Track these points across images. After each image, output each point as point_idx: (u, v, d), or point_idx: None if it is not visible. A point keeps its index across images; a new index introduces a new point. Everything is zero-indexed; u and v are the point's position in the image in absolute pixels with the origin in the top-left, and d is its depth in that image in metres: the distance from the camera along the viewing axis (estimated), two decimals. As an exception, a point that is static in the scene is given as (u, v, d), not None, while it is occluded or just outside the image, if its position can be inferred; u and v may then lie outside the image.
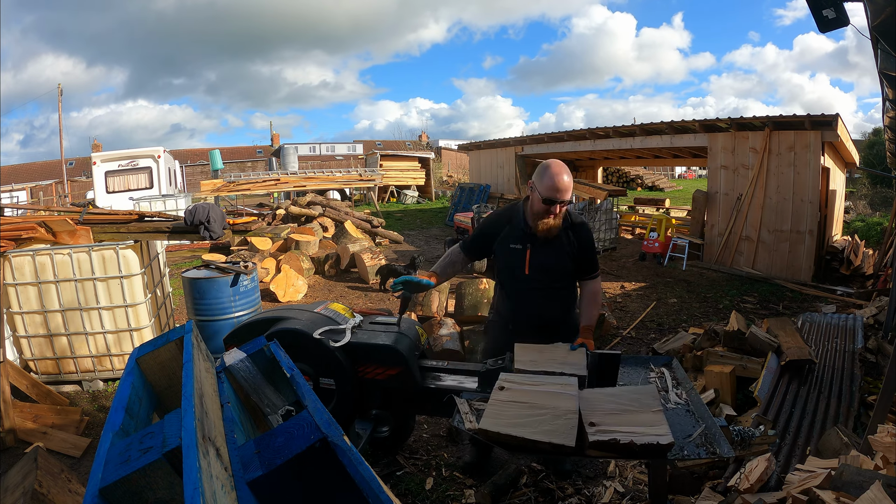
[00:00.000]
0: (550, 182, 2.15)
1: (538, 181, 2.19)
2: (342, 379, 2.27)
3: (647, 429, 1.49)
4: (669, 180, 26.77)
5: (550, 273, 2.29)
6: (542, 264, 2.27)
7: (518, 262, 2.28)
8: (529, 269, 2.26)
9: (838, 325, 3.77)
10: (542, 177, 2.18)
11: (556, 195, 2.15)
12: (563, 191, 2.15)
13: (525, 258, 2.26)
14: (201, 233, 4.17)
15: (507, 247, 2.31)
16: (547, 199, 2.16)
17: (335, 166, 27.13)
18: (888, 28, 2.76)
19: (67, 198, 20.88)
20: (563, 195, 2.16)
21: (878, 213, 13.13)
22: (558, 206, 2.17)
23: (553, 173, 2.16)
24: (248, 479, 0.96)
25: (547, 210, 2.18)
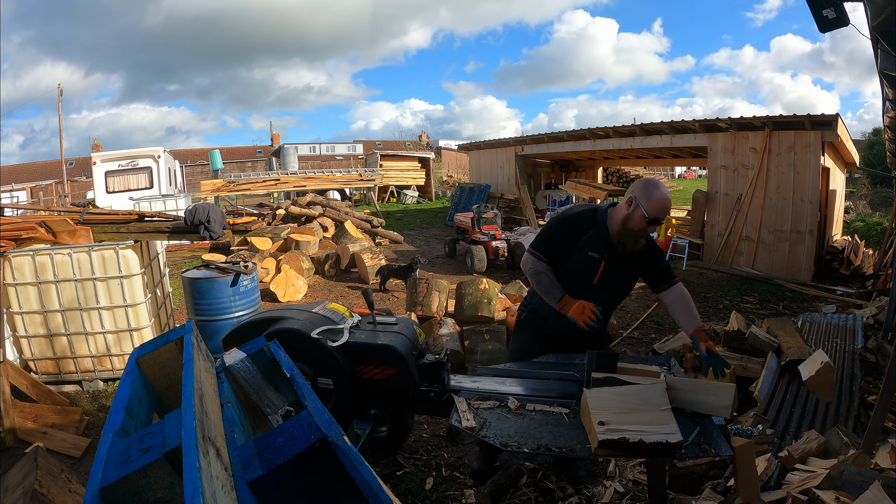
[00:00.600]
0: (661, 202, 2.08)
1: (645, 198, 2.09)
2: (340, 379, 2.27)
3: (656, 427, 1.50)
4: (669, 180, 26.78)
5: (615, 289, 2.24)
6: (612, 279, 2.19)
7: (591, 271, 2.17)
8: (598, 281, 2.17)
9: (838, 325, 3.77)
10: (652, 195, 2.09)
11: (662, 216, 2.11)
12: (668, 211, 2.14)
13: (598, 269, 2.17)
14: (201, 233, 4.17)
15: (586, 254, 2.18)
16: (653, 218, 2.08)
17: (335, 166, 27.13)
18: (888, 28, 2.76)
19: (67, 198, 20.88)
20: (667, 215, 2.16)
21: (878, 213, 13.12)
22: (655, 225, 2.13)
23: (664, 192, 2.11)
24: (248, 479, 0.96)
25: (646, 229, 2.11)
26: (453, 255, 8.83)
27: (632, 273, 2.24)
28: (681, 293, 2.22)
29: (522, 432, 1.71)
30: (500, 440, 1.67)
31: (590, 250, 2.18)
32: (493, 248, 7.69)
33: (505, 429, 1.74)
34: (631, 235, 2.13)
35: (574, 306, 2.08)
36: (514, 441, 1.67)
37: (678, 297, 2.22)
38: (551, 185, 14.30)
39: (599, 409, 1.60)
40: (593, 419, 1.55)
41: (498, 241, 7.82)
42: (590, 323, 2.04)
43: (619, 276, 2.21)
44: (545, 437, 1.67)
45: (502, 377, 2.15)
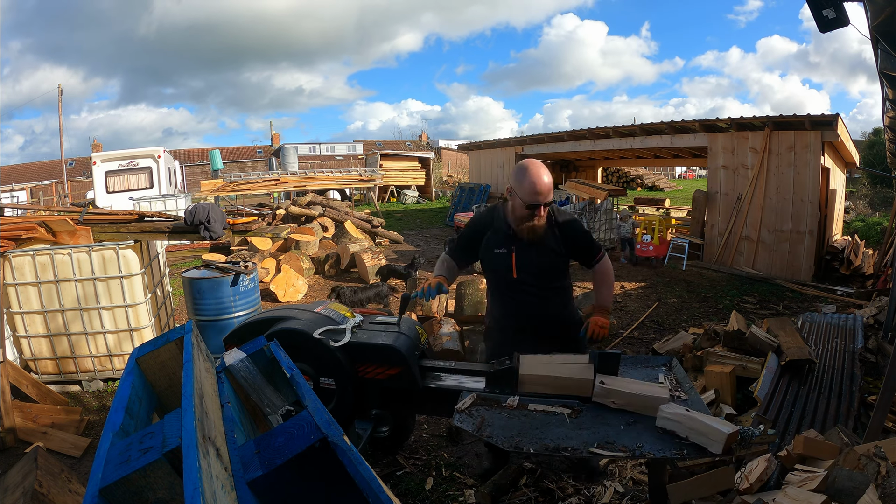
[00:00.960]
0: (531, 186, 2.08)
1: (517, 185, 2.11)
2: (342, 379, 2.27)
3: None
4: (669, 180, 26.77)
5: (539, 273, 2.24)
6: (530, 265, 2.21)
7: (504, 265, 2.22)
8: (517, 272, 2.21)
9: (838, 325, 3.77)
10: (522, 181, 2.10)
11: (539, 198, 2.08)
12: (544, 193, 2.09)
13: (511, 261, 2.20)
14: (201, 233, 4.17)
15: (492, 252, 2.25)
16: (530, 204, 2.09)
17: (335, 166, 27.13)
18: (888, 28, 2.76)
19: (67, 198, 20.88)
20: (546, 197, 2.09)
21: (878, 213, 13.13)
22: (542, 208, 2.11)
23: (532, 176, 2.08)
24: (248, 479, 0.96)
25: (531, 214, 2.12)
26: (453, 255, 8.82)
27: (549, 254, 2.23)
28: (602, 270, 2.30)
29: (526, 432, 1.71)
30: (504, 441, 1.67)
31: (495, 247, 2.24)
32: (493, 248, 7.68)
33: (508, 429, 1.74)
34: (523, 223, 2.15)
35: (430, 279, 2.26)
36: (517, 441, 1.66)
37: (599, 273, 2.31)
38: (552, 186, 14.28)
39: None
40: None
41: (498, 241, 7.81)
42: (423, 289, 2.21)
43: (537, 262, 2.22)
44: (548, 438, 1.67)
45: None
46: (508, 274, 2.23)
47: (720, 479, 1.90)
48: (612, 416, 1.78)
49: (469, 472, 2.68)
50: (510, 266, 2.22)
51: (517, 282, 2.23)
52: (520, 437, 1.68)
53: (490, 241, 2.27)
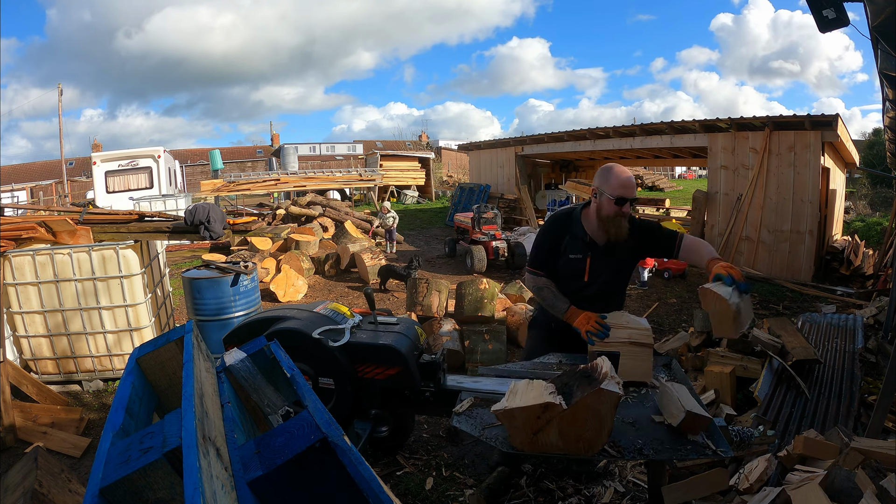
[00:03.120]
0: (620, 180, 2.14)
1: (604, 183, 2.16)
2: (341, 379, 2.27)
3: None
4: (669, 180, 26.77)
5: (610, 280, 2.27)
6: (604, 272, 2.24)
7: (578, 271, 2.24)
8: (590, 277, 2.24)
9: (838, 326, 3.77)
10: (609, 178, 2.16)
11: (627, 192, 2.13)
12: (631, 187, 2.14)
13: (586, 267, 2.23)
14: (201, 233, 4.17)
15: (568, 257, 2.26)
16: (619, 197, 2.12)
17: (335, 166, 27.13)
18: (888, 28, 2.76)
19: (67, 198, 20.88)
20: (632, 191, 2.15)
21: (878, 213, 13.13)
22: (629, 203, 2.15)
23: (619, 171, 2.16)
24: (248, 479, 0.96)
25: (620, 211, 2.14)
26: (453, 255, 8.84)
27: (624, 260, 2.28)
28: (689, 244, 2.25)
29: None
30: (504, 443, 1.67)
31: (570, 253, 2.25)
32: (493, 248, 7.69)
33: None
34: (611, 224, 2.17)
35: (580, 317, 2.09)
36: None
37: (688, 247, 2.24)
38: (551, 185, 14.30)
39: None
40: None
41: (498, 241, 7.82)
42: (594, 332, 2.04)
43: (611, 268, 2.25)
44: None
45: (503, 377, 2.15)
46: (580, 278, 2.24)
47: (714, 481, 1.90)
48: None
49: (469, 472, 2.67)
50: (583, 271, 2.24)
51: (586, 285, 2.25)
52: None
53: (567, 247, 2.27)
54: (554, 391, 1.52)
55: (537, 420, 1.47)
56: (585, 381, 1.52)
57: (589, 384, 1.48)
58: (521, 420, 1.49)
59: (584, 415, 1.46)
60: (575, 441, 1.50)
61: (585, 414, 1.45)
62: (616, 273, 2.29)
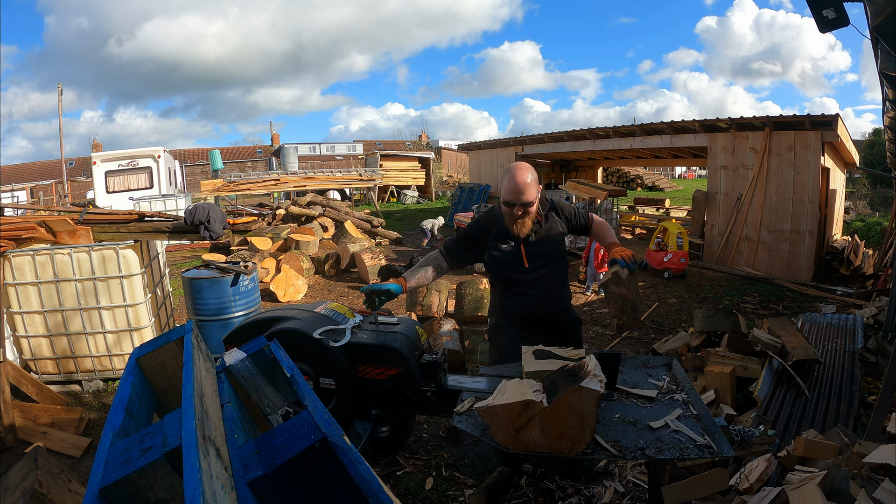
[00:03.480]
0: (507, 185, 2.19)
1: (501, 185, 2.24)
2: (342, 379, 2.27)
3: None
4: (669, 180, 26.77)
5: (549, 260, 2.31)
6: (539, 252, 2.29)
7: (515, 258, 2.28)
8: (529, 261, 2.27)
9: (838, 326, 3.77)
10: (503, 181, 2.22)
11: (513, 197, 2.17)
12: (518, 192, 2.16)
13: (521, 252, 2.27)
14: (201, 233, 4.17)
15: (499, 247, 2.30)
16: (505, 201, 2.20)
17: (335, 166, 27.13)
18: (888, 28, 2.76)
19: (67, 198, 20.88)
20: (519, 196, 2.17)
21: (878, 213, 13.13)
22: (520, 207, 2.18)
23: (511, 175, 2.19)
24: (248, 479, 0.96)
25: (511, 212, 2.20)
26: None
27: (553, 237, 2.34)
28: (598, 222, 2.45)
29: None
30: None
31: (501, 243, 2.30)
32: (493, 248, 7.67)
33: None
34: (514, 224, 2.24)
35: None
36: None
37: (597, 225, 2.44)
38: (551, 185, 14.29)
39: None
40: None
41: (498, 241, 7.80)
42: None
43: (546, 248, 2.31)
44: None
45: (504, 377, 2.15)
46: (520, 265, 2.28)
47: (714, 481, 1.90)
48: (611, 415, 1.78)
49: (469, 472, 2.67)
50: (520, 257, 2.27)
51: (528, 270, 2.28)
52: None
53: (496, 239, 2.32)
54: (539, 389, 1.53)
55: (518, 417, 1.48)
56: (571, 379, 1.53)
57: (573, 382, 1.49)
58: (503, 418, 1.50)
59: (565, 412, 1.46)
60: (558, 439, 1.50)
61: (567, 412, 1.46)
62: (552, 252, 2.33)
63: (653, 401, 1.85)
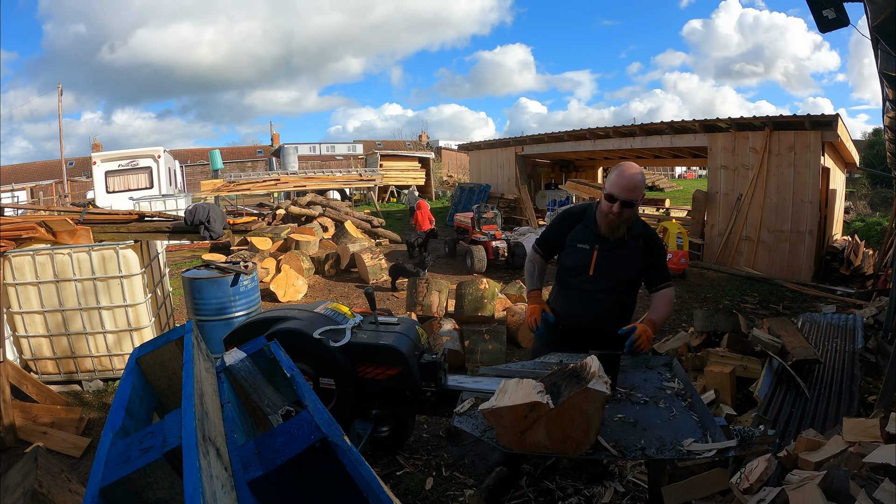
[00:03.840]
0: (617, 179, 2.13)
1: (609, 178, 2.18)
2: (342, 379, 2.27)
3: None
4: (669, 180, 26.77)
5: (615, 278, 2.24)
6: (609, 267, 2.22)
7: (584, 261, 2.23)
8: (595, 271, 2.22)
9: (838, 326, 3.77)
10: (612, 175, 2.17)
11: (620, 192, 2.11)
12: (626, 189, 2.11)
13: (592, 258, 2.22)
14: (201, 233, 4.17)
15: (575, 245, 2.27)
16: (608, 194, 2.14)
17: (335, 166, 27.13)
18: (888, 28, 2.76)
19: (67, 198, 20.88)
20: (627, 194, 2.11)
21: (878, 213, 13.13)
22: (619, 204, 2.12)
23: (623, 170, 2.15)
24: (248, 479, 0.96)
25: (610, 208, 2.14)
26: (453, 255, 8.84)
27: (629, 262, 2.25)
28: (667, 294, 2.30)
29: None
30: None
31: (579, 242, 2.26)
32: (493, 248, 7.69)
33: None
34: (602, 219, 2.20)
35: (530, 306, 2.25)
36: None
37: (663, 294, 2.30)
38: (551, 185, 14.30)
39: None
40: None
41: (498, 241, 7.82)
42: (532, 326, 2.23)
43: (617, 263, 2.24)
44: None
45: (504, 377, 2.15)
46: (585, 271, 2.24)
47: (714, 481, 1.90)
48: (611, 415, 1.78)
49: (469, 472, 2.67)
50: (589, 263, 2.23)
51: (591, 279, 2.23)
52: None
53: (577, 234, 2.29)
54: (542, 390, 1.52)
55: (524, 419, 1.47)
56: (574, 380, 1.52)
57: (577, 383, 1.48)
58: (508, 419, 1.50)
59: (571, 414, 1.45)
60: (563, 440, 1.49)
61: (573, 413, 1.45)
62: (620, 269, 2.25)
63: (654, 401, 1.85)
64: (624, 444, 1.59)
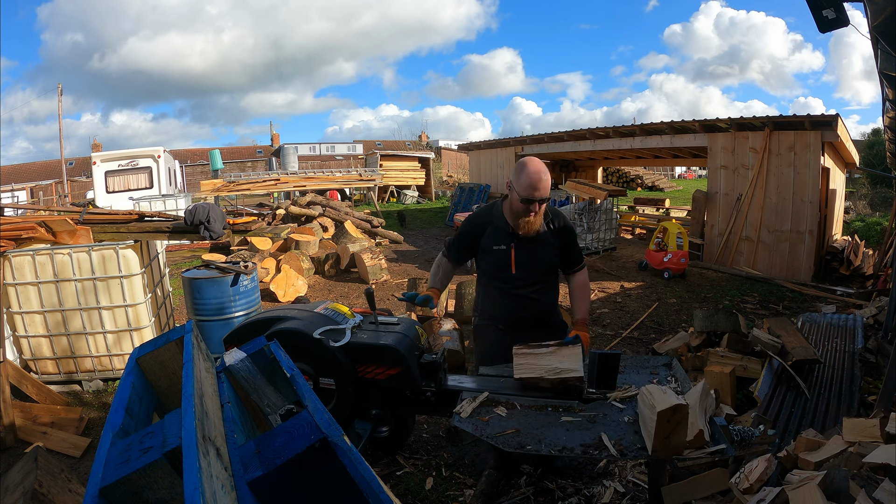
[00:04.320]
0: (528, 180, 2.12)
1: (515, 180, 2.16)
2: (342, 379, 2.27)
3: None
4: (669, 180, 26.77)
5: (537, 270, 2.28)
6: (529, 262, 2.26)
7: (504, 261, 2.26)
8: (516, 268, 2.25)
9: (838, 326, 3.77)
10: (520, 175, 2.14)
11: (535, 194, 2.12)
12: (540, 189, 2.12)
13: (510, 257, 2.25)
14: (201, 233, 4.17)
15: (491, 248, 2.28)
16: (525, 198, 2.13)
17: (335, 166, 27.12)
18: (888, 28, 2.76)
19: (67, 198, 20.88)
20: (541, 193, 2.13)
21: (878, 213, 13.13)
22: (537, 204, 2.15)
23: (530, 171, 2.13)
24: (248, 479, 0.96)
25: (527, 209, 2.15)
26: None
27: (547, 251, 2.29)
28: (581, 281, 2.35)
29: (526, 433, 1.71)
30: (504, 442, 1.67)
31: (494, 244, 2.27)
32: (493, 248, 7.67)
33: (508, 429, 1.73)
34: (519, 219, 2.20)
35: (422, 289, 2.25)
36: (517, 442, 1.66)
37: (578, 284, 2.36)
38: (551, 186, 14.28)
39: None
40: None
41: (498, 241, 7.80)
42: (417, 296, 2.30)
43: (536, 257, 2.27)
44: (548, 438, 1.67)
45: (504, 377, 2.15)
46: (507, 270, 2.26)
47: (714, 481, 1.90)
48: (612, 415, 1.78)
49: (469, 472, 2.67)
50: (509, 262, 2.25)
51: (514, 277, 2.26)
52: (519, 438, 1.68)
53: (489, 238, 2.29)
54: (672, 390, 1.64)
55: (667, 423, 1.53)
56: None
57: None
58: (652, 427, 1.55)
59: None
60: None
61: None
62: (541, 263, 2.29)
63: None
64: (625, 444, 1.59)
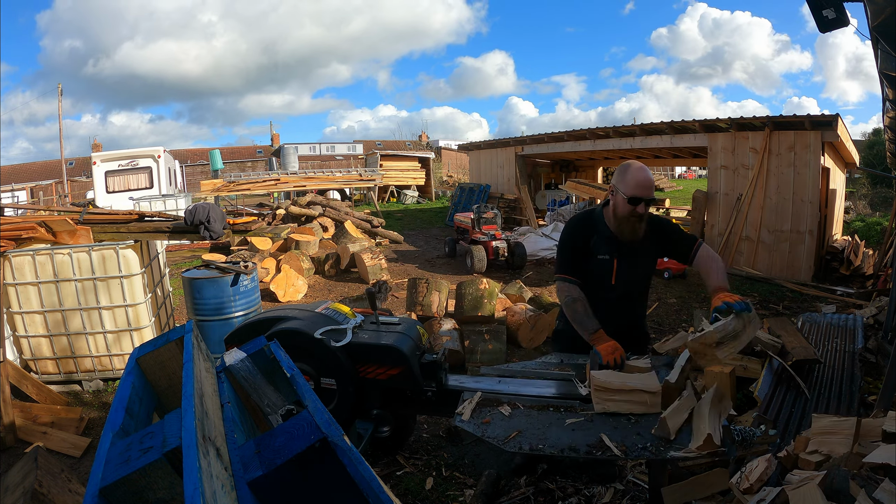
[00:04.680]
0: (635, 179, 2.07)
1: (621, 181, 2.11)
2: (343, 379, 2.27)
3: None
4: (669, 180, 26.77)
5: (636, 282, 2.24)
6: (629, 273, 2.20)
7: (605, 272, 2.19)
8: (616, 280, 2.19)
9: (838, 326, 3.76)
10: (625, 175, 2.11)
11: (643, 192, 2.06)
12: (648, 187, 2.08)
13: (613, 269, 2.18)
14: (201, 233, 4.17)
15: (596, 258, 2.19)
16: (632, 197, 2.06)
17: (335, 166, 27.12)
18: (888, 28, 2.76)
19: (67, 198, 20.87)
20: (649, 192, 2.08)
21: (878, 213, 13.13)
22: (643, 205, 2.08)
23: (637, 168, 2.11)
24: (248, 479, 0.96)
25: (633, 211, 2.08)
26: (453, 255, 8.84)
27: (647, 262, 2.25)
28: (707, 254, 2.21)
29: (526, 433, 1.71)
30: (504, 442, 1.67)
31: (599, 253, 2.19)
32: (493, 248, 7.69)
33: (509, 430, 1.73)
34: (625, 223, 2.13)
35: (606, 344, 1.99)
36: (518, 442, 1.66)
37: (706, 257, 2.20)
38: (551, 185, 14.30)
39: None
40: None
41: (498, 241, 7.82)
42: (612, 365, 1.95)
43: (636, 269, 2.22)
44: (549, 438, 1.67)
45: (505, 378, 2.15)
46: (608, 281, 2.19)
47: (714, 481, 1.90)
48: (612, 415, 1.78)
49: (469, 472, 2.67)
50: (610, 274, 2.18)
51: (613, 288, 2.20)
52: (521, 438, 1.68)
53: (595, 247, 2.20)
54: None
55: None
56: None
57: None
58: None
59: None
60: None
61: None
62: (640, 275, 2.25)
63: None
64: (626, 444, 1.59)
